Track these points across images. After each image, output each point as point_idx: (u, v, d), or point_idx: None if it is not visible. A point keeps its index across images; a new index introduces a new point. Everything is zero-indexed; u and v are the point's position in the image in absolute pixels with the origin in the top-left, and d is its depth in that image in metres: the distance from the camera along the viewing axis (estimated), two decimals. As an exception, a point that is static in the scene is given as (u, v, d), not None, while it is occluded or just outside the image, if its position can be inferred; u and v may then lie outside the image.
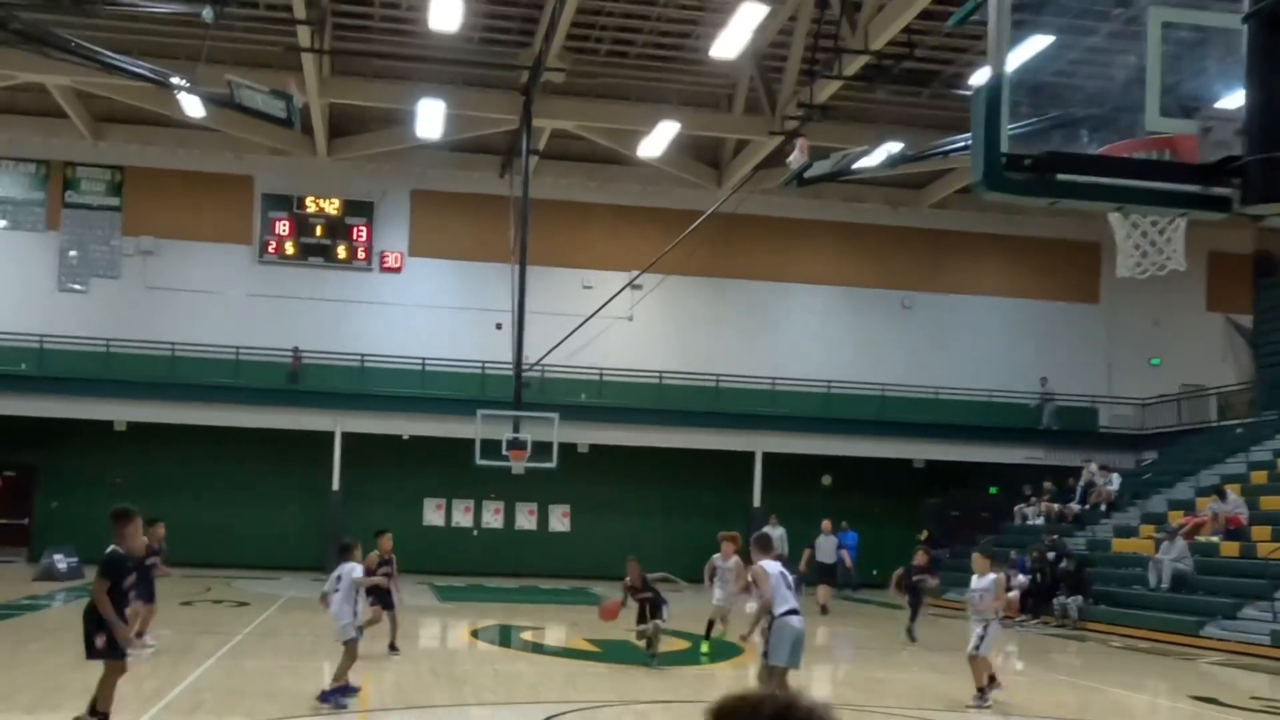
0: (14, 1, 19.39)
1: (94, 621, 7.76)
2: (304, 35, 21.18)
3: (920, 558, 17.93)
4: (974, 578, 11.30)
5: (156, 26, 22.90)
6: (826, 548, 22.84)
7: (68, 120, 26.48)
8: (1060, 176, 4.48)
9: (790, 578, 9.41)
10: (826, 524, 23.37)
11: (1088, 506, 25.84)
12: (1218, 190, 4.50)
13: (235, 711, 9.33)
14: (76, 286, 27.75)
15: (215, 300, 28.03)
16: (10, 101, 26.55)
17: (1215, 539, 20.65)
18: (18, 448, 26.65)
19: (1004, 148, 4.37)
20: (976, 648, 10.86)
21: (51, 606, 17.78)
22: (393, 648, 13.03)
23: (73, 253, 27.81)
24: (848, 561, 24.28)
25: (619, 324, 28.94)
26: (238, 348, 27.13)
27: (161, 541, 13.17)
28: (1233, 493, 21.68)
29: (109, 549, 7.99)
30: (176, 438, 26.80)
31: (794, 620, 8.95)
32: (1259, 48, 4.36)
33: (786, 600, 8.99)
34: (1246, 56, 4.40)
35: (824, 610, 21.08)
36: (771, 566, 9.20)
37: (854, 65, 21.22)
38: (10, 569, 23.71)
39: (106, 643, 7.72)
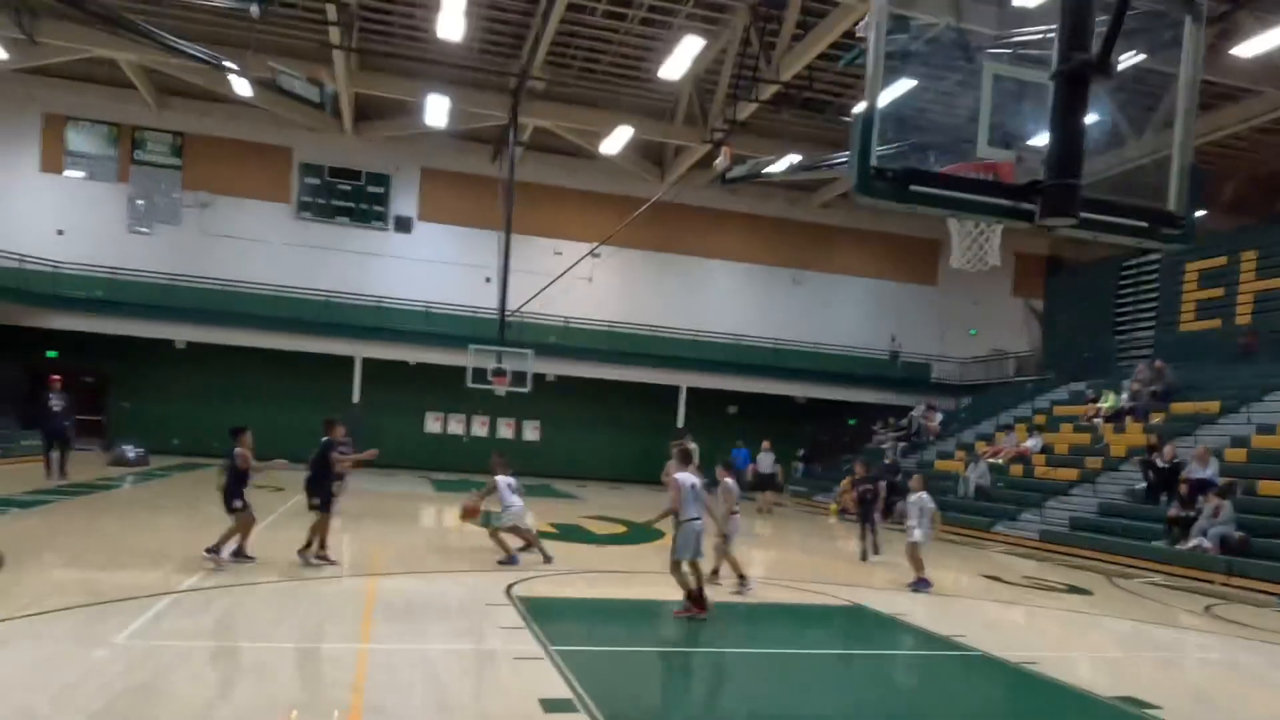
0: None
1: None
2: (335, 34, 20.60)
3: (860, 469, 14.50)
4: (910, 494, 11.36)
5: (212, 17, 21.93)
6: (765, 462, 22.30)
7: (136, 90, 25.47)
8: (913, 188, 4.52)
9: (700, 487, 8.61)
10: (766, 443, 22.82)
11: (917, 436, 26.70)
12: (1025, 205, 4.59)
13: (269, 573, 9.33)
14: (143, 230, 26.85)
15: (259, 247, 27.41)
16: (88, 71, 25.38)
17: (1000, 461, 21.40)
18: (95, 359, 25.98)
19: (873, 163, 4.47)
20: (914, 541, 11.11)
21: (121, 487, 17.46)
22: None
23: (140, 202, 26.88)
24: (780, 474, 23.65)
25: (581, 283, 28.94)
26: (277, 286, 26.66)
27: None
28: (1019, 429, 22.63)
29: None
30: (226, 356, 26.34)
31: (696, 525, 8.41)
32: (1061, 99, 4.48)
33: (690, 509, 8.38)
34: (1052, 105, 4.51)
35: (762, 511, 20.76)
36: (685, 478, 8.42)
37: (768, 92, 21.27)
38: (88, 456, 23.29)
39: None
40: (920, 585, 11.16)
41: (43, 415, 17.84)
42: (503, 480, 10.91)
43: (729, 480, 10.44)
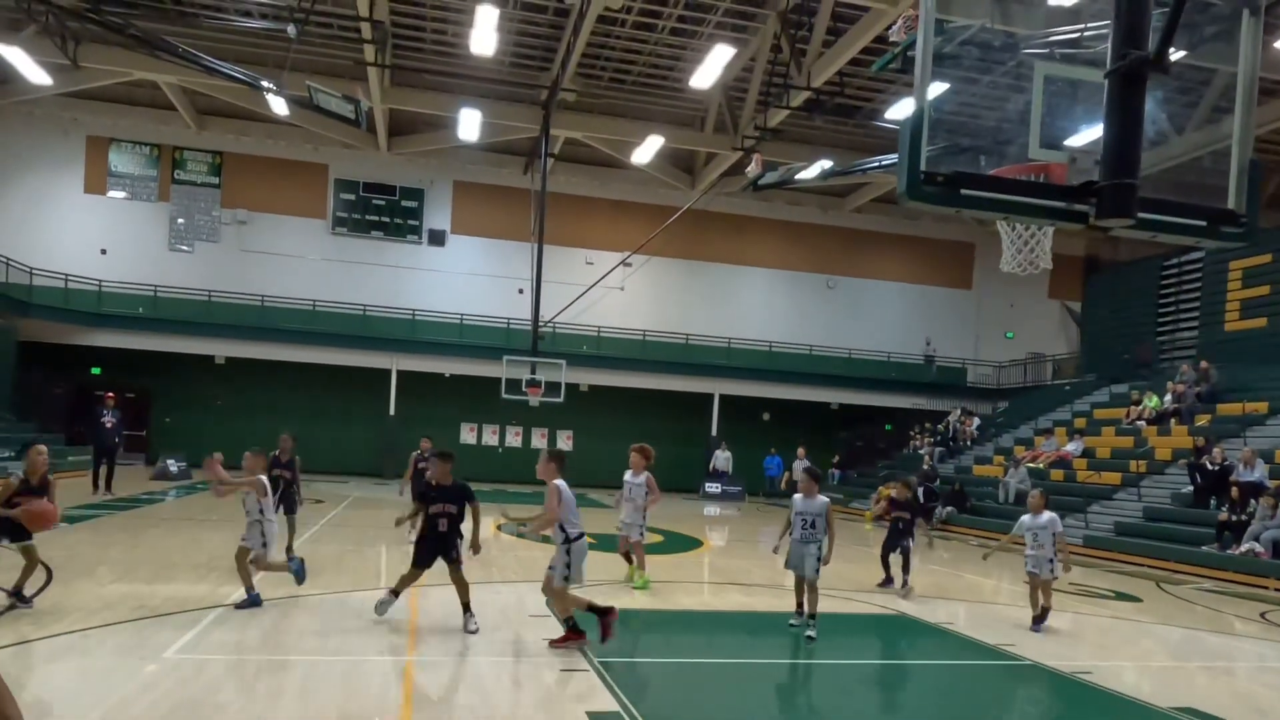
0: (132, 10, 18.95)
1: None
2: (369, 52, 20.90)
3: (900, 490, 11.38)
4: (1028, 516, 9.33)
5: (249, 38, 22.50)
6: (799, 469, 22.79)
7: (176, 112, 26.04)
8: (964, 191, 4.40)
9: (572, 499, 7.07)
10: (801, 451, 23.70)
11: (954, 442, 26.32)
12: (1079, 207, 4.47)
13: (314, 585, 9.31)
14: (184, 248, 27.42)
15: (296, 262, 27.85)
16: (129, 94, 26.07)
17: (1040, 466, 21.09)
18: (137, 375, 26.57)
19: (923, 167, 4.36)
20: (1052, 573, 9.18)
21: (165, 500, 17.64)
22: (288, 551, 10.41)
23: (180, 220, 27.46)
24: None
25: (613, 293, 29.00)
26: (314, 300, 27.04)
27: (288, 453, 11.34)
28: (1059, 433, 22.15)
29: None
30: (265, 370, 26.79)
31: (583, 543, 7.17)
32: (1115, 98, 4.36)
33: (576, 523, 7.13)
34: (1106, 104, 4.39)
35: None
36: (565, 486, 7.11)
37: (798, 98, 21.21)
38: (132, 470, 23.66)
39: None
40: (1039, 624, 9.26)
41: (96, 431, 18.15)
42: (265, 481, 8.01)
43: (824, 498, 8.33)
